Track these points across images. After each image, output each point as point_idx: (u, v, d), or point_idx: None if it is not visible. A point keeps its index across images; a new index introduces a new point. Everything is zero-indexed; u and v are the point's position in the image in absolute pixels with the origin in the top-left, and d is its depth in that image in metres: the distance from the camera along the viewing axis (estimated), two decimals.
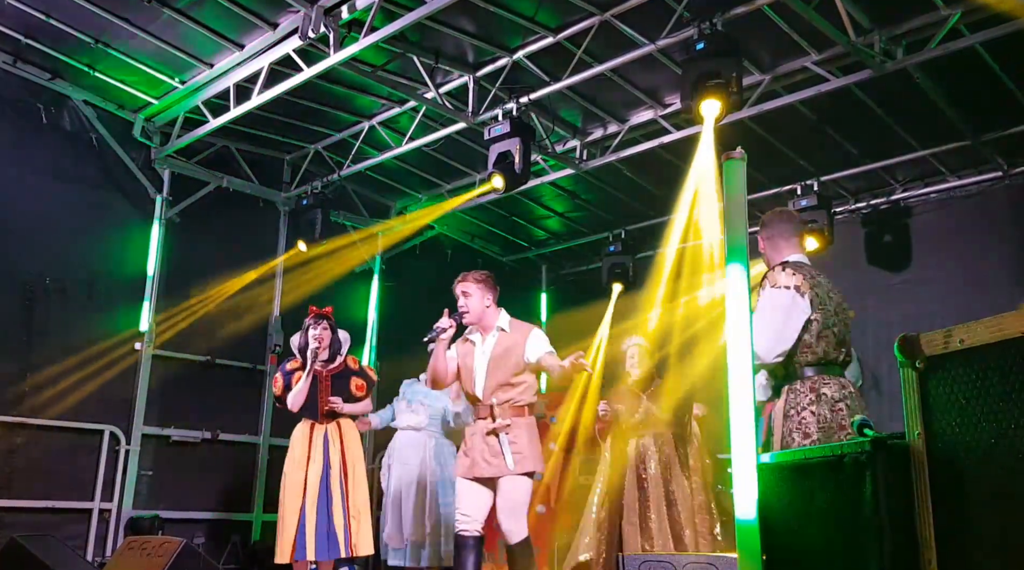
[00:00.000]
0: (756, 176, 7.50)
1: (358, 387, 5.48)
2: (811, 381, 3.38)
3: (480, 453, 4.33)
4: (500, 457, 4.26)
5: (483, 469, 4.30)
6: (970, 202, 7.23)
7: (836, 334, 3.41)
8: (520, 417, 4.36)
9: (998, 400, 1.60)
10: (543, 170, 7.71)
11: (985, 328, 1.62)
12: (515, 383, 4.40)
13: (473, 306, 4.50)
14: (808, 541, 1.96)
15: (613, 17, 5.63)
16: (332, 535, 5.10)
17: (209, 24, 5.96)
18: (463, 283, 4.55)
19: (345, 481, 5.23)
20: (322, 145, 7.85)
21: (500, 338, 4.48)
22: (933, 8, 5.28)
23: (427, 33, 5.98)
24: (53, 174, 6.69)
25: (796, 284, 3.41)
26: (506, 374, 4.38)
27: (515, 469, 4.24)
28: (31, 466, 6.27)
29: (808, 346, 3.39)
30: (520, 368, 4.41)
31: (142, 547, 4.74)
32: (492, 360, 4.43)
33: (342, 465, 5.27)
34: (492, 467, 4.28)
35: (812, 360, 3.39)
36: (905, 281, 7.25)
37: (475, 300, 4.50)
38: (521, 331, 4.50)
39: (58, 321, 6.54)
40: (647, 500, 5.49)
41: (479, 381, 4.43)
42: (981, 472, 1.64)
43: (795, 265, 3.54)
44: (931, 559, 1.69)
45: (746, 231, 2.40)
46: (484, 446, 4.32)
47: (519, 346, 4.42)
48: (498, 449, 4.27)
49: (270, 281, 8.03)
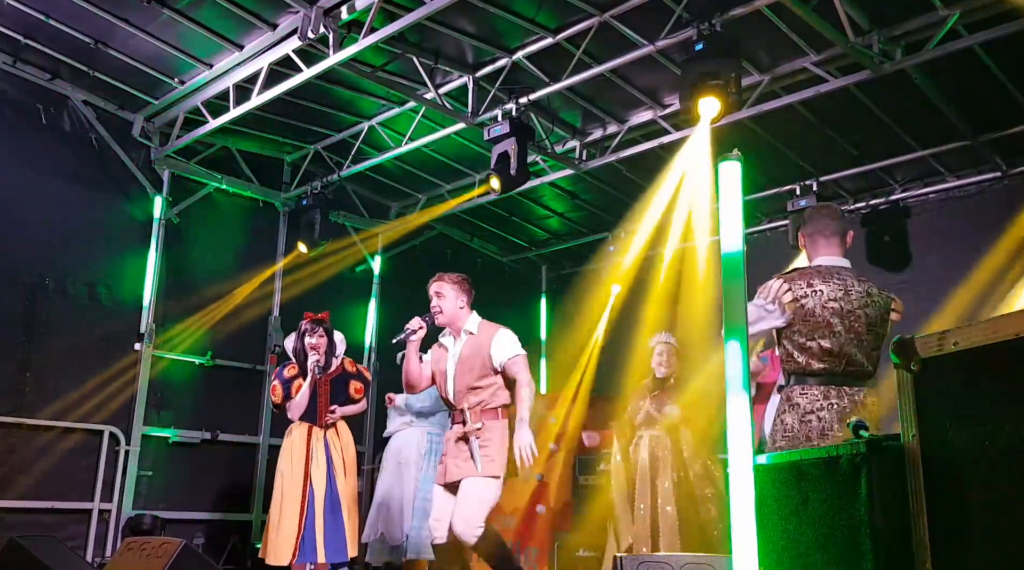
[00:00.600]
0: (755, 176, 7.51)
1: (356, 390, 5.53)
2: (788, 389, 3.35)
3: (452, 458, 4.27)
4: (470, 461, 4.17)
5: (453, 473, 4.24)
6: (969, 202, 7.23)
7: (824, 347, 3.29)
8: (493, 420, 4.26)
9: (991, 402, 1.61)
10: (543, 170, 7.72)
11: (979, 331, 1.63)
12: (483, 386, 4.30)
13: (446, 307, 4.43)
14: (803, 542, 1.97)
15: (612, 18, 5.64)
16: (340, 537, 5.13)
17: (208, 24, 5.97)
18: (437, 283, 4.48)
19: (336, 482, 5.27)
20: (321, 146, 7.86)
21: (468, 341, 4.40)
22: (931, 9, 5.28)
23: (427, 34, 5.98)
24: (52, 174, 6.69)
25: (776, 295, 3.33)
26: (473, 377, 4.30)
27: (481, 471, 4.14)
28: (31, 466, 6.28)
29: (789, 355, 3.35)
30: (486, 370, 4.31)
31: (141, 548, 4.74)
32: (459, 363, 4.35)
33: (344, 468, 5.31)
34: (461, 471, 4.20)
35: (793, 369, 3.36)
36: (904, 281, 7.22)
37: (448, 301, 4.43)
38: (487, 332, 4.41)
39: (58, 321, 6.55)
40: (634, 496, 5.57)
41: (450, 386, 4.37)
42: (975, 473, 1.64)
43: (813, 270, 3.43)
44: (926, 560, 1.69)
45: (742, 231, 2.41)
46: (456, 451, 4.26)
47: (484, 348, 4.33)
48: (468, 454, 4.19)
49: (269, 282, 8.03)
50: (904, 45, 5.54)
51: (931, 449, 1.73)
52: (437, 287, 4.48)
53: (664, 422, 5.64)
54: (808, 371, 3.33)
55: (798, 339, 3.33)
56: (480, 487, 4.13)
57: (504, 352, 4.31)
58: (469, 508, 4.10)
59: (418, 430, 6.32)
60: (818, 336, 3.31)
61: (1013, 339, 1.57)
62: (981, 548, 1.63)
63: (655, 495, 5.50)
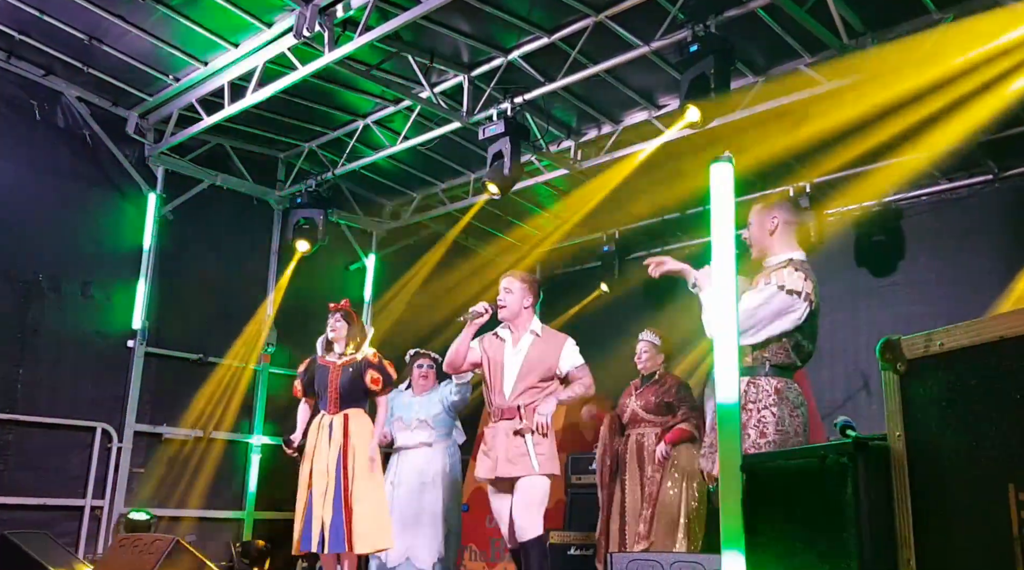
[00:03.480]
0: (749, 178, 7.52)
1: (373, 380, 5.24)
2: (777, 381, 3.34)
3: (504, 452, 4.38)
4: (525, 457, 4.32)
5: (506, 469, 4.36)
6: (961, 205, 7.26)
7: (812, 348, 3.40)
8: None
9: (976, 403, 1.63)
10: (537, 170, 7.73)
11: (963, 332, 1.65)
12: (543, 387, 4.49)
13: (512, 303, 4.59)
14: (790, 541, 1.98)
15: (608, 18, 5.65)
16: (338, 528, 4.94)
17: (203, 22, 5.97)
18: (508, 278, 4.66)
19: (344, 473, 5.06)
20: (316, 144, 7.85)
21: (535, 342, 4.56)
22: (925, 11, 5.30)
23: (422, 33, 5.99)
24: (46, 171, 6.68)
25: (808, 292, 3.32)
26: (535, 378, 4.48)
27: (538, 470, 4.32)
28: (23, 463, 6.27)
29: (785, 349, 3.34)
30: (550, 375, 4.52)
31: (134, 544, 4.75)
32: (526, 363, 4.51)
33: (342, 456, 5.09)
34: (516, 467, 4.35)
35: (784, 363, 3.36)
36: (896, 283, 7.27)
37: (515, 297, 4.60)
38: (556, 340, 4.61)
39: (51, 318, 6.54)
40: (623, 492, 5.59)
41: (508, 381, 4.50)
42: (960, 473, 1.66)
43: (805, 266, 3.44)
44: (910, 558, 1.71)
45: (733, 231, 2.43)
46: (508, 446, 4.37)
47: (554, 355, 4.52)
48: (524, 450, 4.33)
49: (264, 279, 8.04)
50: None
51: (917, 449, 1.75)
52: (507, 282, 4.64)
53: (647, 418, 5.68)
54: (791, 367, 3.38)
55: (798, 336, 3.35)
56: (541, 486, 4.40)
57: (572, 360, 4.57)
58: (532, 503, 4.34)
59: (439, 449, 5.97)
60: (814, 332, 3.38)
61: (998, 340, 1.59)
62: (965, 547, 1.65)
63: (644, 493, 5.52)
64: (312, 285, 7.95)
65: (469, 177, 8.18)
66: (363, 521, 4.98)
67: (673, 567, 3.39)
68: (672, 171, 6.88)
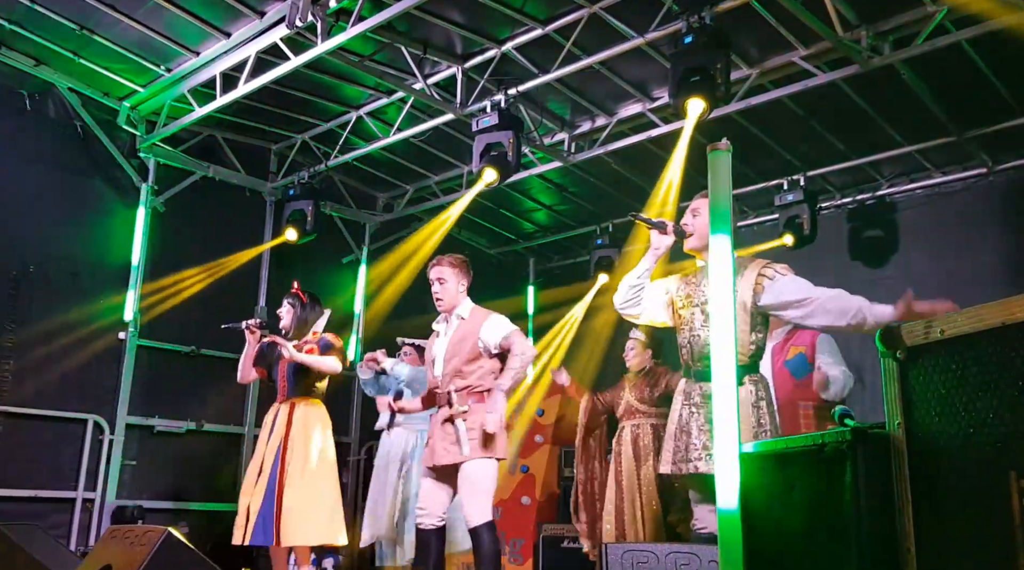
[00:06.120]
0: (743, 170, 7.53)
1: (308, 351, 5.16)
2: (764, 379, 3.46)
3: (439, 440, 4.27)
4: (457, 444, 4.18)
5: (441, 456, 4.24)
6: (955, 198, 7.28)
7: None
8: (480, 403, 4.24)
9: (977, 390, 1.62)
10: (531, 163, 7.70)
11: (965, 318, 1.64)
12: (471, 369, 4.29)
13: (447, 294, 4.40)
14: (789, 530, 1.97)
15: (602, 10, 5.63)
16: (266, 519, 4.81)
17: (195, 12, 5.93)
18: (437, 268, 4.43)
19: (282, 464, 4.94)
20: (309, 135, 7.81)
21: (459, 325, 4.39)
22: (920, 4, 5.30)
23: (415, 23, 5.96)
24: (37, 161, 6.63)
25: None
26: (460, 361, 4.29)
27: (471, 455, 4.16)
28: (13, 455, 6.23)
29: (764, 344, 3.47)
30: (475, 354, 4.29)
31: (125, 536, 4.71)
32: (450, 347, 4.34)
33: (281, 447, 4.98)
34: (449, 454, 4.21)
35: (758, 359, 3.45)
36: (889, 276, 7.28)
37: (450, 286, 4.40)
38: (479, 316, 4.40)
39: (41, 309, 6.49)
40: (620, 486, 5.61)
41: (437, 369, 4.38)
42: (960, 461, 1.65)
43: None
44: (910, 547, 1.70)
45: (731, 222, 2.41)
46: (442, 433, 4.26)
47: (474, 332, 4.32)
48: (455, 436, 4.19)
49: (256, 271, 8.00)
50: (892, 40, 5.57)
51: (917, 437, 1.74)
52: (437, 273, 4.42)
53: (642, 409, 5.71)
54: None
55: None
56: (482, 469, 4.18)
57: (497, 333, 4.30)
58: (476, 489, 4.16)
59: (410, 429, 6.06)
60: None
61: (999, 327, 1.58)
62: (966, 535, 1.64)
63: (639, 484, 5.53)
64: (304, 277, 7.88)
65: (463, 169, 8.15)
66: (294, 514, 4.85)
67: (668, 558, 3.38)
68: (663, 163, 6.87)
